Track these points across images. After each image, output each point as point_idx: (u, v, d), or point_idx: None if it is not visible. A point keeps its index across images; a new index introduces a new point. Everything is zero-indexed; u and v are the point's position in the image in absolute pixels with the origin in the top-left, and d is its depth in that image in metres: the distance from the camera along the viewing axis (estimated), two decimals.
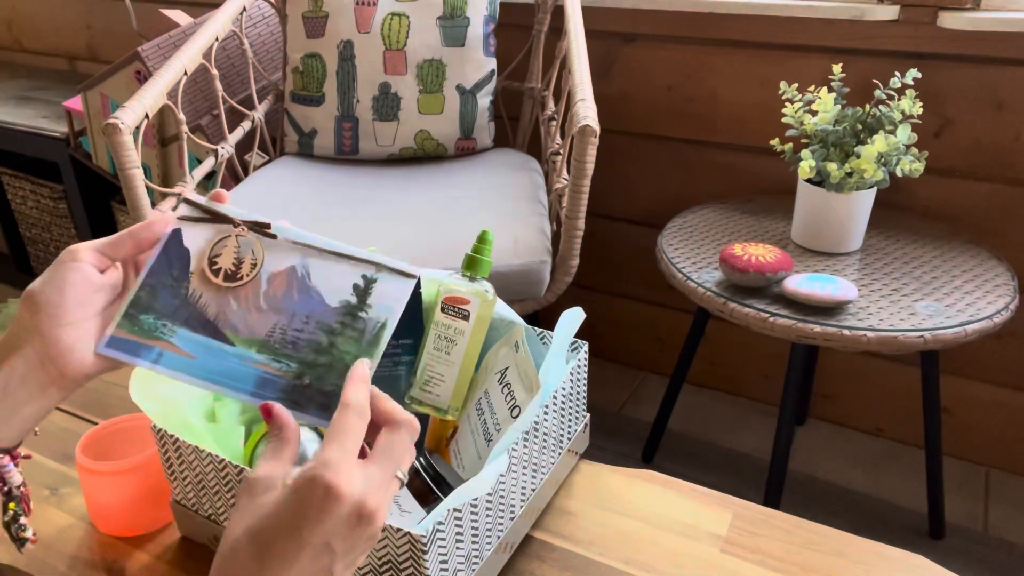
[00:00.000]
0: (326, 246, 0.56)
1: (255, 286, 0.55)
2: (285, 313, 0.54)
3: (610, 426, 1.71)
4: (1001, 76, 1.35)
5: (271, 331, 0.54)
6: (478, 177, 1.50)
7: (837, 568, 0.69)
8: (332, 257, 0.55)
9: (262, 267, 0.55)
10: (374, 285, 0.54)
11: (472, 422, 0.76)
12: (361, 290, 0.54)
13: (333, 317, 0.53)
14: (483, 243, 0.78)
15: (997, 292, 1.19)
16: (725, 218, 1.45)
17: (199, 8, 2.12)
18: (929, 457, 1.38)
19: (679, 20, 1.56)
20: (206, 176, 1.49)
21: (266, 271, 0.55)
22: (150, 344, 0.53)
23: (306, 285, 0.54)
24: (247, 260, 0.56)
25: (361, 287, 0.54)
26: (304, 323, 0.54)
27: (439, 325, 0.78)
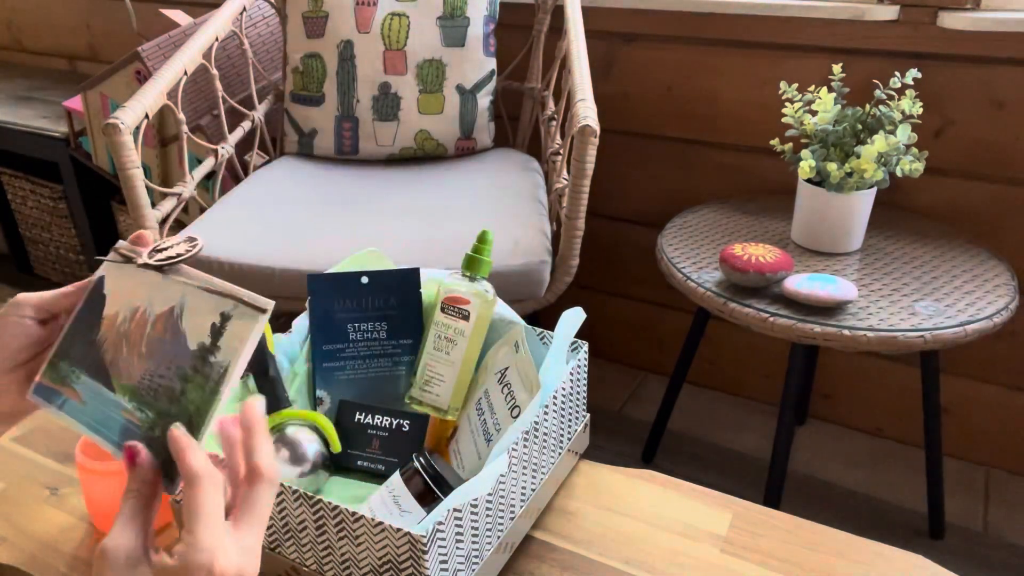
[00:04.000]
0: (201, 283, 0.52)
1: (142, 329, 0.53)
2: (156, 358, 0.51)
3: (610, 426, 1.71)
4: (1001, 76, 1.35)
5: (142, 377, 0.52)
6: (478, 177, 1.50)
7: (837, 568, 0.69)
8: (203, 292, 0.51)
9: (151, 308, 0.53)
10: (228, 324, 0.50)
11: (472, 422, 0.76)
12: (216, 329, 0.50)
13: (189, 361, 0.50)
14: (483, 243, 0.78)
15: (997, 292, 1.19)
16: (725, 218, 1.45)
17: (199, 8, 2.12)
18: (929, 457, 1.38)
19: (679, 20, 1.56)
20: (206, 176, 1.49)
21: (154, 312, 0.53)
22: (59, 390, 0.54)
23: (176, 327, 0.51)
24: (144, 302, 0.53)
25: (217, 326, 0.50)
26: (167, 369, 0.51)
27: (439, 325, 0.78)
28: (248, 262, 1.23)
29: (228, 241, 1.27)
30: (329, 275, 0.83)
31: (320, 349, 0.83)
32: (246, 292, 0.50)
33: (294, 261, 1.22)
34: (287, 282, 1.22)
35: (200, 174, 1.43)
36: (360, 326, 0.83)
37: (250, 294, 0.50)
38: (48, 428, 0.89)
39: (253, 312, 0.49)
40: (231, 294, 0.50)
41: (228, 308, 0.50)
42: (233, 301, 0.50)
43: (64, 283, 2.34)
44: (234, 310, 0.50)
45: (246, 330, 0.49)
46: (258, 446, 0.47)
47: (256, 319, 0.49)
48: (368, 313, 0.83)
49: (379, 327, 0.83)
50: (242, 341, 0.49)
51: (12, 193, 2.27)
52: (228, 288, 0.51)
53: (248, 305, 0.50)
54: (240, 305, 0.50)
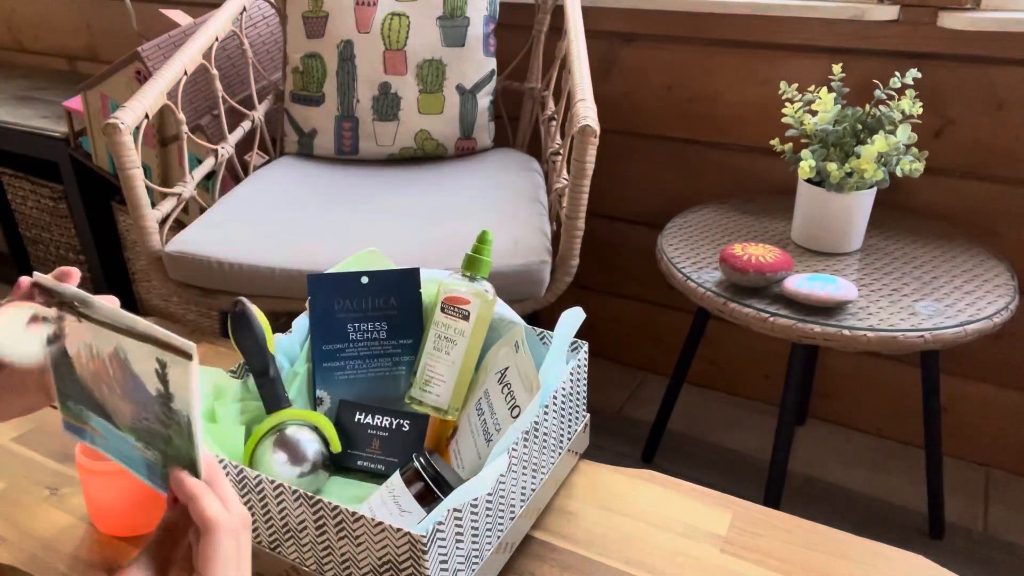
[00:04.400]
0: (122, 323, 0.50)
1: (105, 369, 0.52)
2: (134, 401, 0.51)
3: (610, 426, 1.71)
4: (1001, 76, 1.35)
5: (135, 418, 0.51)
6: (478, 177, 1.50)
7: (837, 568, 0.69)
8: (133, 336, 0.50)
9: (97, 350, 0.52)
10: (167, 369, 0.49)
11: (472, 422, 0.76)
12: (161, 376, 0.49)
13: (159, 409, 0.50)
14: (483, 243, 0.78)
15: (997, 292, 1.19)
16: (725, 218, 1.45)
17: (199, 8, 2.12)
18: (929, 457, 1.38)
19: (679, 20, 1.56)
20: (206, 176, 1.49)
21: (101, 353, 0.52)
22: (83, 428, 0.56)
23: (130, 371, 0.50)
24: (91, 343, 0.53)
25: (160, 373, 0.49)
26: (148, 413, 0.51)
27: (439, 325, 0.78)
28: (248, 262, 1.23)
29: (228, 241, 1.27)
30: (329, 275, 0.83)
31: (320, 349, 0.83)
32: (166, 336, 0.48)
33: (294, 261, 1.22)
34: (287, 282, 1.22)
35: (200, 174, 1.43)
36: (360, 326, 0.83)
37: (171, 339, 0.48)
38: (48, 428, 0.89)
39: (180, 360, 0.48)
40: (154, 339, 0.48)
41: (159, 354, 0.48)
42: (158, 348, 0.48)
43: None
44: (165, 356, 0.48)
45: (184, 378, 0.48)
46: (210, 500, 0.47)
47: (186, 367, 0.47)
48: (368, 313, 0.83)
49: (379, 327, 0.83)
50: (186, 389, 0.48)
51: (12, 193, 2.27)
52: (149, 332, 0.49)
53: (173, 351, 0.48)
54: (166, 351, 0.48)
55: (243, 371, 0.82)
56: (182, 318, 2.01)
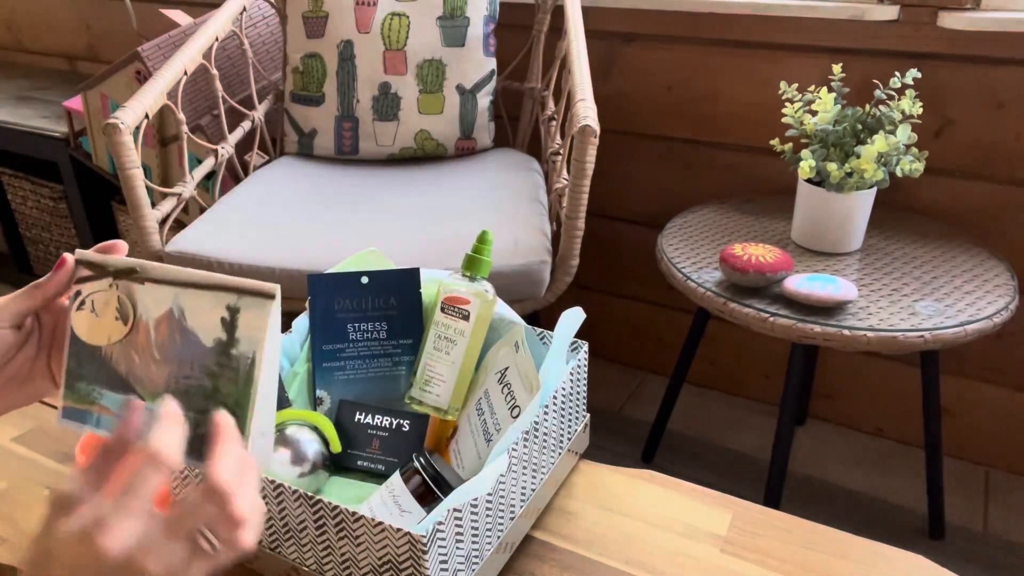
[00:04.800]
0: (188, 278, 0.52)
1: (146, 335, 0.53)
2: (174, 361, 0.52)
3: (610, 426, 1.71)
4: (1001, 76, 1.35)
5: (168, 382, 0.52)
6: (478, 177, 1.50)
7: (837, 568, 0.69)
8: (197, 290, 0.51)
9: (144, 315, 0.53)
10: (238, 316, 0.50)
11: (472, 422, 0.76)
12: (228, 324, 0.50)
13: (212, 358, 0.51)
14: (483, 243, 0.78)
15: (997, 292, 1.19)
16: (725, 218, 1.45)
17: (199, 8, 2.12)
18: (929, 457, 1.38)
19: (679, 20, 1.56)
20: (206, 176, 1.49)
21: (150, 317, 0.53)
22: (88, 410, 0.54)
23: (184, 328, 0.51)
24: (129, 310, 0.53)
25: (228, 320, 0.50)
26: (191, 369, 0.51)
27: (439, 325, 0.78)
28: (248, 262, 1.23)
29: (228, 241, 1.27)
30: (329, 275, 0.83)
31: (320, 349, 0.83)
32: (244, 282, 0.50)
33: (294, 261, 1.22)
34: (287, 282, 1.22)
35: (200, 174, 1.43)
36: (360, 326, 0.83)
37: (250, 283, 0.50)
38: (48, 428, 0.89)
39: (260, 301, 0.49)
40: (229, 286, 0.50)
41: (232, 301, 0.50)
42: (234, 294, 0.50)
43: None
44: (239, 301, 0.50)
45: (260, 319, 0.49)
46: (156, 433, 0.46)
47: (265, 307, 0.49)
48: (368, 313, 0.83)
49: (379, 327, 0.83)
50: (260, 329, 0.49)
51: (12, 193, 2.27)
52: (222, 280, 0.50)
53: (252, 294, 0.50)
54: (244, 296, 0.50)
55: None
56: None
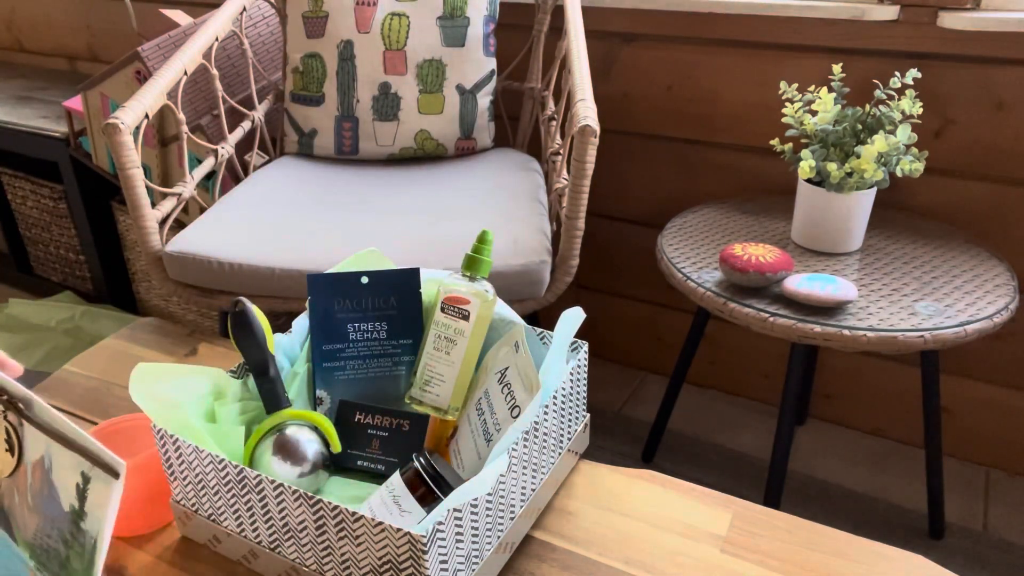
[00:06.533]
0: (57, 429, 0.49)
1: (25, 476, 0.50)
2: (41, 515, 0.49)
3: (610, 426, 1.71)
4: (1001, 76, 1.35)
5: (35, 534, 0.50)
6: (478, 177, 1.50)
7: (837, 568, 0.69)
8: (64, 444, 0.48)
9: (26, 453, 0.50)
10: (88, 487, 0.47)
11: (472, 422, 0.76)
12: (81, 492, 0.47)
13: (67, 526, 0.48)
14: (483, 243, 0.78)
15: (997, 292, 1.19)
16: (725, 218, 1.45)
17: (199, 8, 2.12)
18: (929, 457, 1.38)
19: (679, 20, 1.56)
20: (206, 176, 1.49)
21: (30, 459, 0.50)
22: None
23: (50, 481, 0.49)
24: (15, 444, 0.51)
25: (81, 488, 0.47)
26: (51, 528, 0.49)
27: (439, 325, 0.78)
28: (248, 262, 1.23)
29: (228, 241, 1.27)
30: (329, 275, 0.83)
31: (320, 349, 0.83)
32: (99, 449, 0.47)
33: (294, 261, 1.22)
34: (287, 282, 1.22)
35: (200, 174, 1.43)
36: (360, 326, 0.83)
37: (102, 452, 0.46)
38: None
39: (108, 477, 0.46)
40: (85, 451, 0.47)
41: (86, 468, 0.47)
42: (88, 461, 0.47)
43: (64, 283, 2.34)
44: (92, 470, 0.47)
45: (104, 496, 0.46)
46: None
47: (110, 485, 0.46)
48: (368, 313, 0.83)
49: (379, 327, 0.83)
50: (103, 508, 0.46)
51: (12, 193, 2.27)
52: (81, 441, 0.47)
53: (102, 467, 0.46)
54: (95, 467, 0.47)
55: (243, 371, 0.82)
56: (182, 318, 2.01)
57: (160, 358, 1.04)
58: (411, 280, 0.84)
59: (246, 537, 0.70)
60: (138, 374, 0.70)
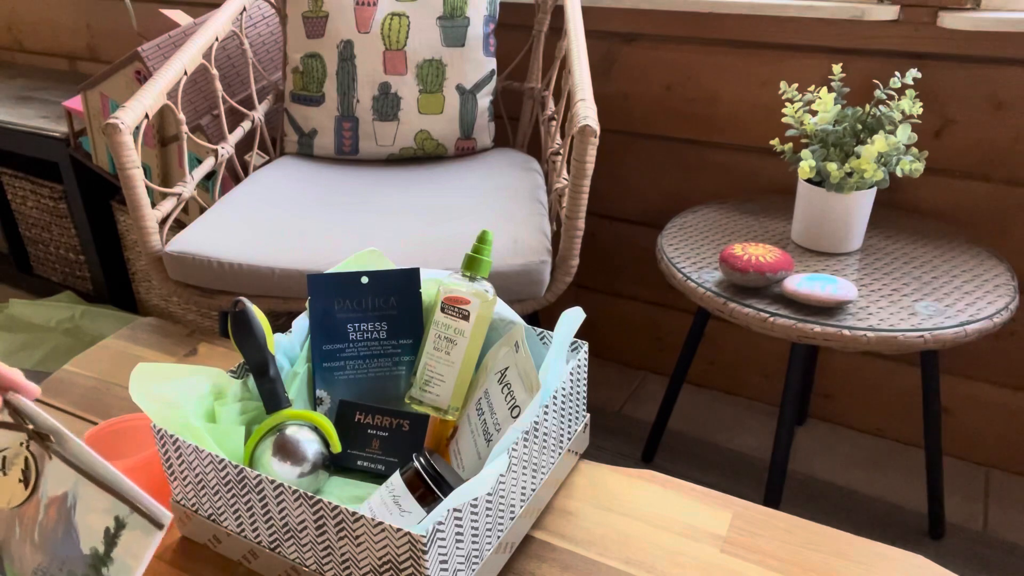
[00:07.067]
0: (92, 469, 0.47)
1: (35, 512, 0.48)
2: (49, 553, 0.47)
3: (610, 426, 1.71)
4: (1001, 76, 1.35)
5: (35, 572, 0.48)
6: (478, 177, 1.50)
7: (837, 568, 0.69)
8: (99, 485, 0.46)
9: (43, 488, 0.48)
10: (122, 533, 0.45)
11: (472, 422, 0.76)
12: (110, 537, 0.45)
13: (81, 568, 0.46)
14: (483, 243, 0.78)
15: (997, 292, 1.19)
16: (725, 218, 1.45)
17: (199, 8, 2.12)
18: (929, 457, 1.38)
19: (679, 20, 1.56)
20: (206, 176, 1.49)
21: (45, 494, 0.48)
22: None
23: (70, 522, 0.47)
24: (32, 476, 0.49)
25: (111, 533, 0.45)
26: (58, 569, 0.47)
27: (439, 325, 0.78)
28: (248, 262, 1.23)
29: (228, 241, 1.27)
30: (329, 275, 0.83)
31: (320, 349, 0.83)
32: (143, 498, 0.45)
33: (294, 261, 1.22)
34: (287, 282, 1.22)
35: (200, 174, 1.43)
36: (360, 326, 0.83)
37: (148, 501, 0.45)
38: None
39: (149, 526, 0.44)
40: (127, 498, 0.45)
41: (123, 513, 0.45)
42: (127, 507, 0.45)
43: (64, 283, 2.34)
44: (129, 516, 0.45)
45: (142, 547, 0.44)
46: None
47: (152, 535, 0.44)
48: (368, 313, 0.83)
49: (379, 327, 0.83)
50: (136, 559, 0.44)
51: (12, 193, 2.27)
52: (121, 485, 0.45)
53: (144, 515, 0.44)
54: (135, 513, 0.45)
55: (243, 371, 0.82)
56: (182, 318, 2.01)
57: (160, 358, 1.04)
58: (411, 280, 0.84)
59: (246, 537, 0.70)
60: (138, 374, 0.70)
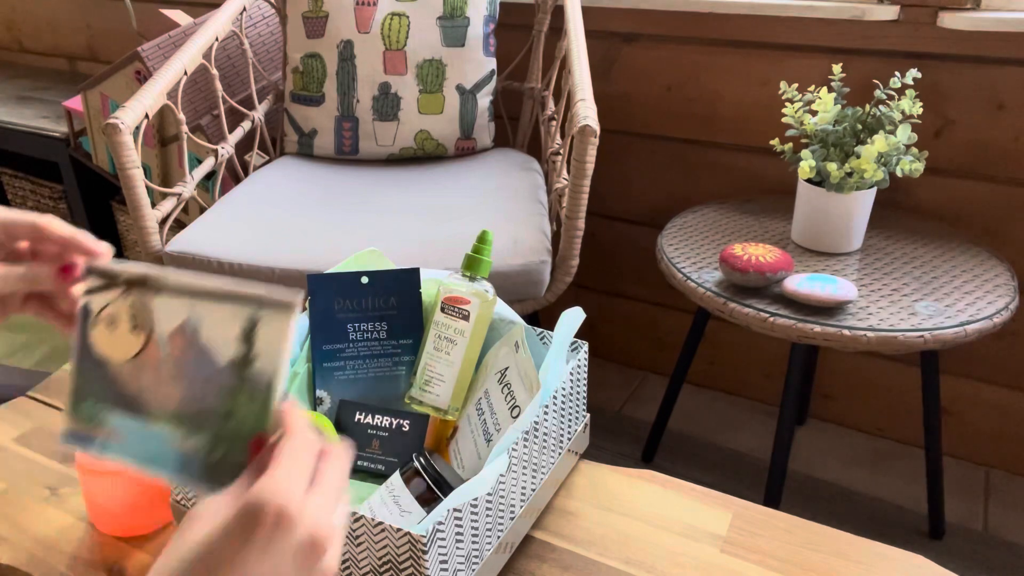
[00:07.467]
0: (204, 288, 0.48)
1: (158, 351, 0.49)
2: (187, 380, 0.48)
3: (610, 426, 1.71)
4: (1001, 76, 1.35)
5: (180, 402, 0.49)
6: (478, 177, 1.50)
7: (837, 568, 0.69)
8: (216, 299, 0.48)
9: (158, 328, 0.49)
10: (257, 329, 0.47)
11: (472, 422, 0.76)
12: (246, 339, 0.47)
13: (227, 378, 0.47)
14: (483, 243, 0.78)
15: (997, 292, 1.19)
16: (725, 218, 1.45)
17: (199, 8, 2.12)
18: (929, 457, 1.38)
19: (679, 20, 1.56)
20: (206, 176, 1.49)
21: (163, 331, 0.49)
22: (92, 433, 0.51)
23: (198, 344, 0.48)
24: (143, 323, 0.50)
25: (245, 335, 0.47)
26: (204, 388, 0.48)
27: (439, 325, 0.78)
28: (248, 262, 1.23)
29: (228, 241, 1.27)
30: (329, 275, 0.83)
31: (320, 349, 0.83)
32: (263, 289, 0.47)
33: (294, 261, 1.22)
34: (287, 282, 1.22)
35: (200, 174, 1.43)
36: (360, 326, 0.83)
37: (269, 291, 0.46)
38: (48, 428, 0.89)
39: (280, 311, 0.46)
40: (249, 297, 0.47)
41: (251, 312, 0.47)
42: (253, 305, 0.47)
43: None
44: (259, 312, 0.46)
45: (280, 331, 0.46)
46: None
47: (287, 316, 0.46)
48: (368, 313, 0.83)
49: (379, 327, 0.83)
50: (280, 342, 0.46)
51: (12, 193, 2.27)
52: (243, 291, 0.47)
53: (272, 305, 0.46)
54: (264, 308, 0.46)
55: None
56: None
57: None
58: (411, 280, 0.84)
59: None
60: None
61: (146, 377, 0.50)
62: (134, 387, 0.50)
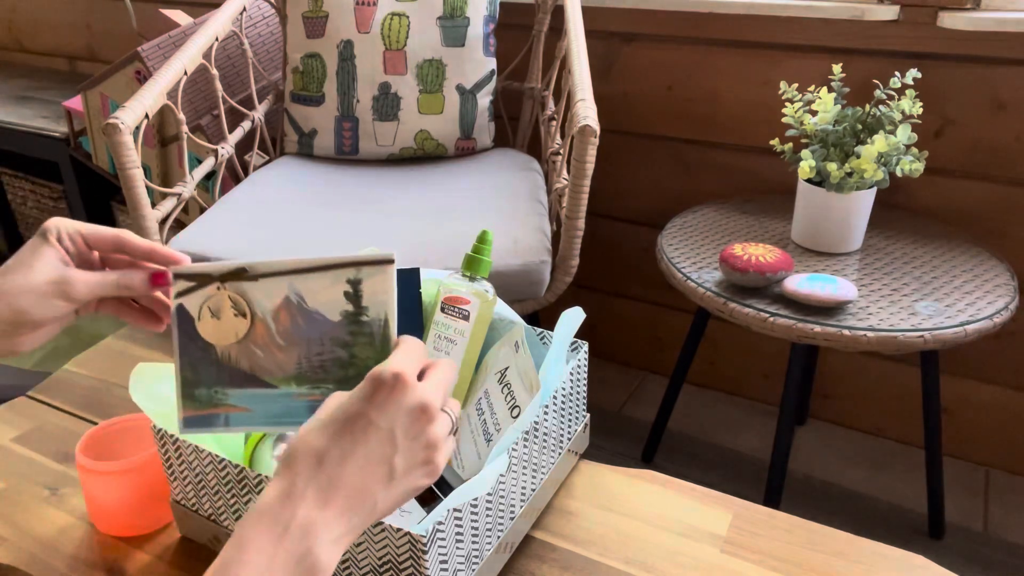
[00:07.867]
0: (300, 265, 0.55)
1: (264, 328, 0.56)
2: (302, 343, 0.55)
3: (610, 426, 1.71)
4: (1001, 76, 1.35)
5: (299, 363, 0.55)
6: (478, 177, 1.50)
7: (837, 568, 0.69)
8: (312, 274, 0.55)
9: (259, 308, 0.56)
10: (361, 286, 0.54)
11: (472, 422, 0.76)
12: (353, 295, 0.54)
13: (343, 330, 0.54)
14: (483, 243, 0.78)
15: (997, 292, 1.19)
16: (725, 218, 1.45)
17: (199, 8, 2.12)
18: (929, 457, 1.38)
19: (679, 20, 1.56)
20: (206, 176, 1.49)
21: (265, 311, 0.56)
22: (214, 413, 0.57)
23: (305, 310, 0.55)
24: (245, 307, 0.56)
25: (352, 292, 0.54)
26: (321, 345, 0.55)
27: (439, 325, 0.78)
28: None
29: (228, 241, 1.27)
30: None
31: None
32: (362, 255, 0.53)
33: None
34: None
35: (200, 174, 1.43)
36: None
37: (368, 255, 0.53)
38: (48, 428, 0.89)
39: (380, 268, 0.53)
40: (346, 263, 0.53)
41: (352, 275, 0.54)
42: (353, 268, 0.53)
43: None
44: (360, 272, 0.53)
45: (384, 282, 0.53)
46: None
47: (387, 272, 0.53)
48: None
49: None
50: (386, 292, 0.53)
51: (12, 193, 2.27)
52: (339, 259, 0.54)
53: (371, 264, 0.53)
54: (363, 268, 0.53)
55: None
56: None
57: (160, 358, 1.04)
58: (411, 280, 0.83)
59: None
60: (138, 374, 0.70)
61: (258, 353, 0.56)
62: (247, 364, 0.56)
